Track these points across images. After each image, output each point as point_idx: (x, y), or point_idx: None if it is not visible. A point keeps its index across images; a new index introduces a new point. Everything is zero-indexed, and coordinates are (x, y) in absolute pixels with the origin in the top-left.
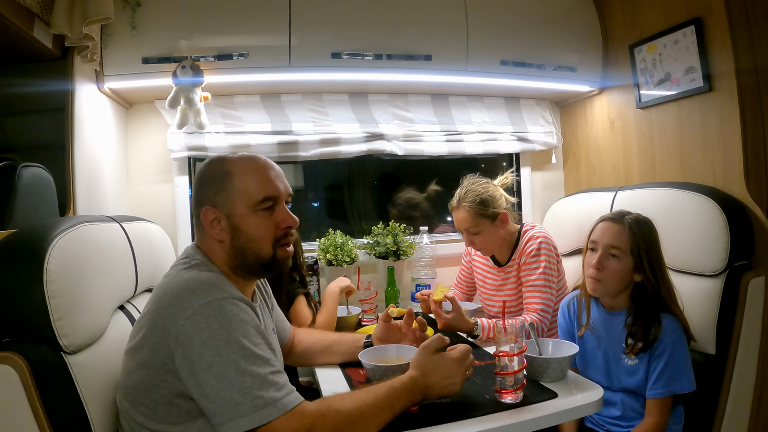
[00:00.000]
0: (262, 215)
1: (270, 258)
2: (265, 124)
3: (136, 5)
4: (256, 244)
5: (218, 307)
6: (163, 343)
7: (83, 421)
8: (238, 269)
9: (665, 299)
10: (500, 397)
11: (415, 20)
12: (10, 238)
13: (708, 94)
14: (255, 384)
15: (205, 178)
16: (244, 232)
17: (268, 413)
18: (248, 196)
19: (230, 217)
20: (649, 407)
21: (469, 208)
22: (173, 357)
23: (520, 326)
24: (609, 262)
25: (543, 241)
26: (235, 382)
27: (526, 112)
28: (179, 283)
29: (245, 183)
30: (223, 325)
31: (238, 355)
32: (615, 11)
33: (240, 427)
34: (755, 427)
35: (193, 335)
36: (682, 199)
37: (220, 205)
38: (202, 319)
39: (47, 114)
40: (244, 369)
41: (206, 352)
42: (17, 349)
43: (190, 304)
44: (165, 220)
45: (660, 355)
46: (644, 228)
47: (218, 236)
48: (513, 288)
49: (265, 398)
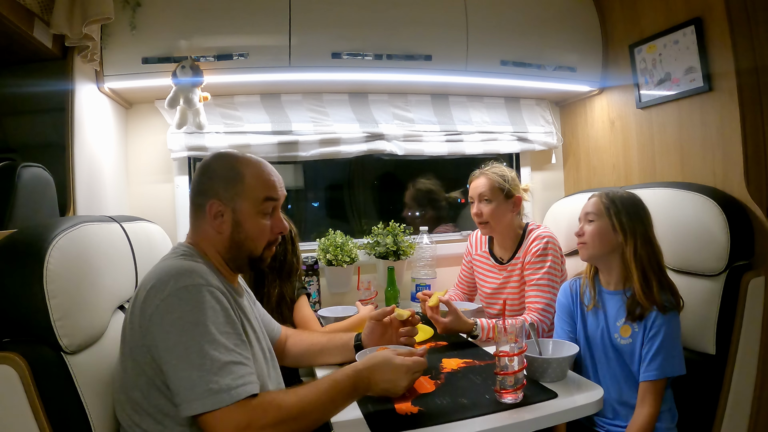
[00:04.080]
0: (263, 218)
1: (258, 257)
2: (265, 124)
3: (136, 5)
4: (253, 242)
5: (193, 291)
6: (141, 324)
7: (83, 421)
8: (229, 261)
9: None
10: (500, 397)
11: (415, 20)
12: (10, 238)
13: (708, 94)
14: (213, 368)
15: (214, 172)
16: (245, 229)
17: (219, 399)
18: (256, 197)
19: (235, 213)
20: (643, 393)
21: (491, 176)
22: (147, 337)
23: (520, 326)
24: (587, 226)
25: (549, 241)
26: (195, 363)
27: (526, 112)
28: (161, 269)
29: (254, 183)
30: (194, 309)
31: (202, 338)
32: (615, 11)
33: (192, 410)
34: (755, 427)
35: (164, 315)
36: (682, 199)
37: (226, 200)
38: (175, 301)
39: (47, 114)
40: (205, 352)
41: (172, 331)
42: (17, 349)
43: (167, 287)
44: (165, 220)
45: (654, 336)
46: (621, 196)
47: (219, 228)
48: (516, 287)
49: (220, 384)
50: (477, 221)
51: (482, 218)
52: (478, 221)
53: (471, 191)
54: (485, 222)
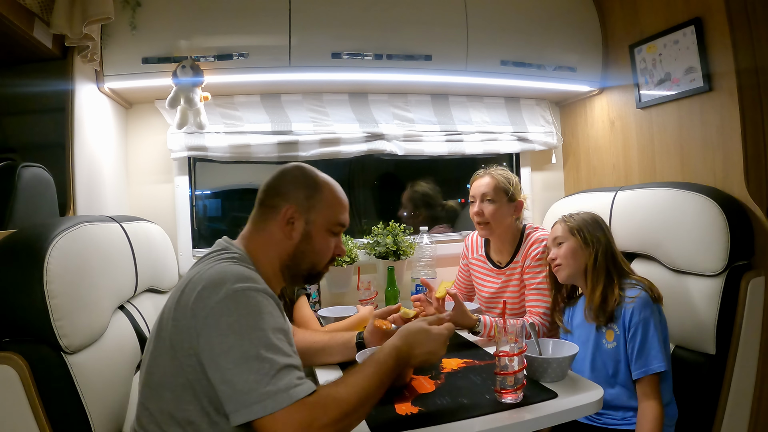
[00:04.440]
0: (331, 237)
1: (318, 272)
2: (265, 124)
3: (136, 5)
4: (317, 257)
5: (250, 295)
6: (190, 325)
7: (83, 421)
8: (286, 269)
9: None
10: (500, 397)
11: (415, 20)
12: (10, 238)
13: (708, 94)
14: (271, 372)
15: (296, 179)
16: (314, 242)
17: (280, 400)
18: (331, 215)
19: (308, 224)
20: (640, 390)
21: (496, 176)
22: (198, 339)
23: (520, 326)
24: (558, 250)
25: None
26: (253, 367)
27: (526, 112)
28: (216, 270)
29: (331, 203)
30: (252, 312)
31: (260, 342)
32: (615, 11)
33: (252, 414)
34: (755, 427)
35: (219, 317)
36: (682, 199)
37: (303, 209)
38: (231, 304)
39: (47, 114)
40: (263, 356)
41: (230, 335)
42: (17, 349)
43: (223, 289)
44: (165, 220)
45: (633, 336)
46: (579, 215)
47: (288, 234)
48: (516, 291)
49: (278, 386)
50: (476, 221)
51: (483, 218)
52: (478, 221)
53: (473, 190)
54: (485, 222)
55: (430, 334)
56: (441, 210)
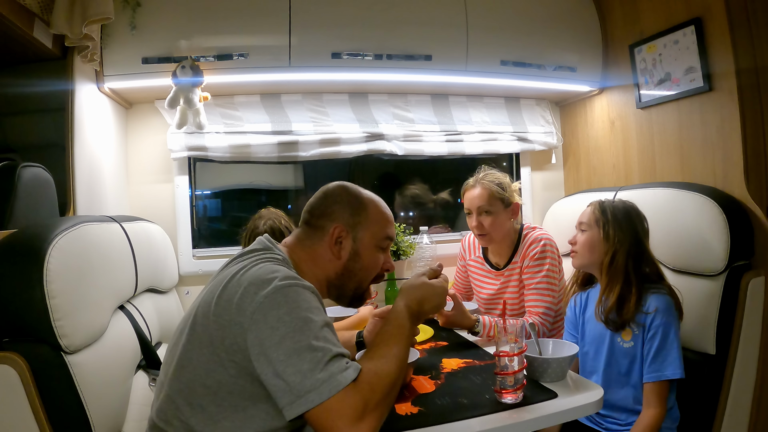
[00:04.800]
0: (379, 252)
1: (363, 291)
2: (265, 124)
3: (136, 5)
4: (365, 273)
5: (298, 291)
6: (236, 321)
7: (83, 421)
8: (333, 288)
9: (649, 272)
10: (500, 397)
11: (415, 20)
12: (10, 238)
13: (708, 94)
14: (324, 360)
15: (340, 197)
16: (362, 259)
17: (335, 384)
18: (378, 230)
19: (355, 242)
20: (646, 395)
21: (488, 185)
22: (246, 335)
23: (520, 326)
24: (580, 236)
25: (547, 244)
26: (305, 357)
27: (526, 112)
28: (262, 268)
29: (377, 219)
30: (301, 305)
31: (311, 333)
32: (615, 11)
33: (309, 403)
34: (755, 427)
35: (269, 311)
36: (682, 199)
37: (350, 227)
38: (281, 297)
39: (47, 114)
40: (315, 346)
41: (280, 327)
42: (17, 349)
43: (271, 283)
44: (165, 220)
45: (652, 338)
46: (614, 206)
47: (338, 254)
48: (515, 292)
49: (332, 370)
50: (476, 233)
51: (483, 230)
52: (478, 233)
53: (467, 203)
54: (486, 234)
55: (434, 287)
56: (434, 206)
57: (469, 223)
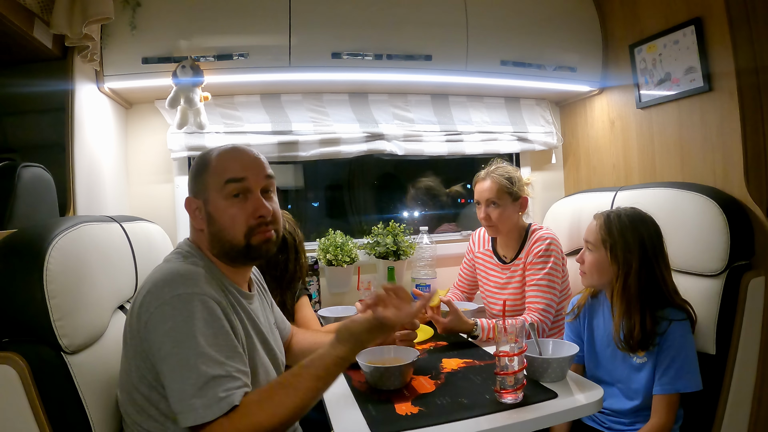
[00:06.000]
0: (234, 203)
1: (243, 246)
2: (265, 124)
3: (136, 5)
4: (228, 232)
5: (186, 300)
6: (139, 330)
7: (83, 421)
8: (221, 256)
9: (663, 292)
10: (500, 397)
11: (415, 20)
12: (10, 238)
13: (708, 94)
14: (199, 383)
15: (191, 169)
16: (217, 219)
17: (202, 415)
18: (217, 182)
19: (206, 205)
20: (655, 405)
21: (497, 179)
22: (142, 344)
23: (520, 326)
24: (586, 255)
25: (552, 242)
26: (184, 376)
27: (526, 112)
28: (159, 273)
29: (215, 170)
30: (186, 319)
31: (192, 351)
32: (615, 11)
33: (187, 421)
34: (755, 427)
35: (158, 324)
36: (682, 199)
37: (198, 194)
38: (169, 310)
39: (47, 114)
40: (193, 366)
41: (166, 341)
42: (17, 349)
43: (162, 295)
44: (165, 220)
45: (666, 350)
46: (620, 223)
47: (199, 225)
48: (517, 287)
49: (204, 400)
50: (484, 224)
51: (490, 222)
52: (486, 224)
53: (477, 194)
54: (493, 225)
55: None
56: (448, 198)
57: (478, 214)
